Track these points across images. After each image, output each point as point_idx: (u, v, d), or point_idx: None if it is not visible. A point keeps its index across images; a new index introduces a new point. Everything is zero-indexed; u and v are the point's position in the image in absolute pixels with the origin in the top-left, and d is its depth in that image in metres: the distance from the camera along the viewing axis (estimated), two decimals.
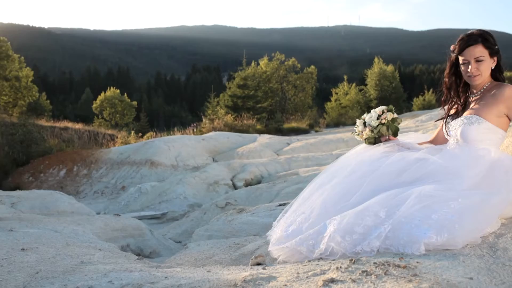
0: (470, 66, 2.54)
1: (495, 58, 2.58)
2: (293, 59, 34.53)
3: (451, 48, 2.64)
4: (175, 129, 23.46)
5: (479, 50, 2.51)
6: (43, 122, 25.64)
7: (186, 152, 13.68)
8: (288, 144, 15.25)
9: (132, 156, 13.59)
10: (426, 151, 2.54)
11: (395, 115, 2.79)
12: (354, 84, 38.67)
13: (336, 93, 38.54)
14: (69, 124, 26.22)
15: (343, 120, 29.80)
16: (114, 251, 3.44)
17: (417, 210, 2.12)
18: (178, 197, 9.74)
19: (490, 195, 2.25)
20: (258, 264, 2.48)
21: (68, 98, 72.35)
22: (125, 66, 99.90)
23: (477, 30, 2.58)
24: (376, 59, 38.24)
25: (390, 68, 38.42)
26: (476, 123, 2.53)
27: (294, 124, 26.44)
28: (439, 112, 2.96)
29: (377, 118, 2.76)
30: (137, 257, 3.30)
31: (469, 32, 2.59)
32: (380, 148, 2.64)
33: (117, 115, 37.70)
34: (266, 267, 2.19)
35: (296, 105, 33.38)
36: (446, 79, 2.73)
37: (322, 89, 52.09)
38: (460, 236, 2.05)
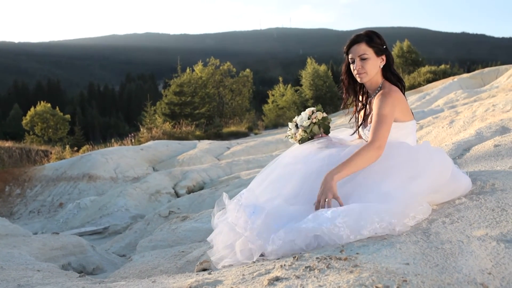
0: (355, 64, 2.65)
1: (383, 57, 2.67)
2: (228, 63, 34.65)
3: (344, 49, 2.74)
4: (112, 140, 22.88)
5: (363, 48, 2.61)
6: None
7: (125, 163, 13.37)
8: (228, 148, 15.27)
9: (68, 171, 13.12)
10: (354, 146, 2.63)
11: (325, 114, 2.88)
12: (289, 85, 39.31)
13: (273, 95, 39.06)
14: None
15: (281, 121, 30.22)
16: (54, 271, 3.32)
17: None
18: (119, 209, 9.51)
19: (409, 180, 2.35)
20: (204, 269, 2.48)
21: None
22: (55, 79, 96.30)
23: (366, 30, 2.69)
24: (309, 60, 39.05)
25: (323, 67, 39.34)
26: None
27: (233, 128, 26.53)
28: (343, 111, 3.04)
29: (308, 118, 2.84)
30: (79, 274, 3.20)
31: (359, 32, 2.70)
32: (314, 144, 2.72)
33: (50, 130, 36.31)
34: (212, 272, 2.19)
35: (234, 109, 33.49)
36: (343, 78, 2.83)
37: (258, 92, 52.54)
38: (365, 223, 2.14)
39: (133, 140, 21.38)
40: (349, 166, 2.36)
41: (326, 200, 2.26)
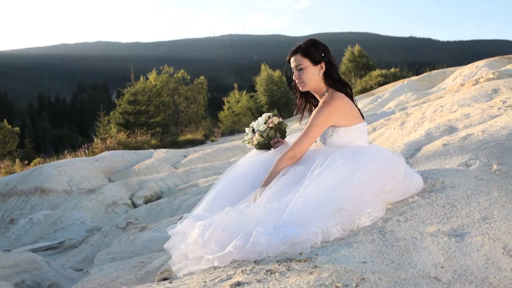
0: (294, 74, 2.75)
1: (322, 65, 2.72)
2: (182, 71, 34.41)
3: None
4: (65, 152, 22.24)
5: (298, 59, 2.70)
6: None
7: (79, 175, 13.03)
8: (185, 156, 15.16)
9: (19, 186, 12.66)
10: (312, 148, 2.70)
11: (281, 119, 2.93)
12: (244, 92, 39.44)
13: (228, 102, 39.09)
14: None
15: (237, 128, 30.27)
16: None
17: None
18: (74, 223, 9.25)
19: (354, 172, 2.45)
20: (165, 279, 2.46)
21: None
22: (1, 90, 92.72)
23: (306, 40, 2.77)
24: (263, 66, 39.33)
25: (277, 73, 39.69)
26: (334, 133, 2.69)
27: (189, 136, 26.33)
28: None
29: (265, 123, 2.88)
30: None
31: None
32: (271, 152, 2.76)
33: None
34: (173, 281, 2.17)
35: (189, 116, 33.26)
36: (294, 85, 2.92)
37: (214, 99, 52.47)
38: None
39: (87, 151, 20.89)
40: (269, 175, 2.54)
41: None
